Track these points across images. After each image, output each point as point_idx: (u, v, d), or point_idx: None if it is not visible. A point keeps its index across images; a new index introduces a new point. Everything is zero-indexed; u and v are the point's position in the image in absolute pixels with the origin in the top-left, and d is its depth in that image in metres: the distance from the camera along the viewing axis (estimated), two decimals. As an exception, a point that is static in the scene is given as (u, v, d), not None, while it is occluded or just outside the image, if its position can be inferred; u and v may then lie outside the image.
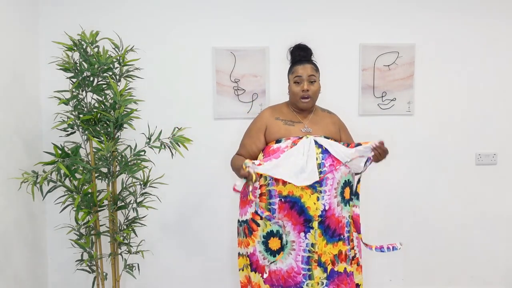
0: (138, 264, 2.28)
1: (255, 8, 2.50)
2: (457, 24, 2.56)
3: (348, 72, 2.55)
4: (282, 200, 1.79)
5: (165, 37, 2.48)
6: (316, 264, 1.82)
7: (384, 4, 2.54)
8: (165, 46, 2.48)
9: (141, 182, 2.16)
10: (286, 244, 1.82)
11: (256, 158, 1.91)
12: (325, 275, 1.83)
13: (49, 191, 1.92)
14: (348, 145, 1.87)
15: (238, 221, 1.95)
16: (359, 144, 1.84)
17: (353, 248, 1.92)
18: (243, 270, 1.96)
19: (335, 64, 2.54)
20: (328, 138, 1.89)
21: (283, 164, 1.79)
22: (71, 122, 1.95)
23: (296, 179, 1.77)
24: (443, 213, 2.64)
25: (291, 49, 2.01)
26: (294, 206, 1.79)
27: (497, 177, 2.64)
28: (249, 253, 1.90)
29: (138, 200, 2.17)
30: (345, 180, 1.86)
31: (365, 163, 1.85)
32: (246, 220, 1.90)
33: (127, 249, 2.20)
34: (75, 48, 1.96)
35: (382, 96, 2.55)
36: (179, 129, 2.06)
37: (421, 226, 2.64)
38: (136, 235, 2.23)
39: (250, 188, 1.80)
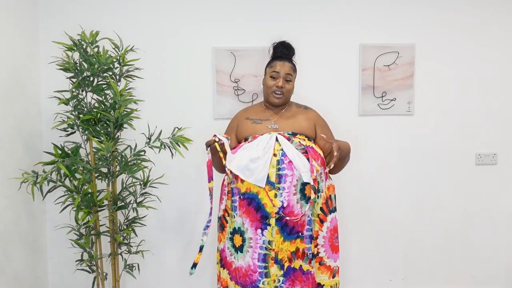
0: (138, 264, 2.28)
1: (255, 8, 2.50)
2: (457, 24, 2.56)
3: (348, 72, 2.55)
4: (241, 197, 1.84)
5: (165, 37, 2.48)
6: (273, 261, 1.81)
7: (384, 4, 2.54)
8: (165, 46, 2.48)
9: (141, 182, 2.17)
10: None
11: None
12: (281, 272, 1.82)
13: (49, 191, 1.92)
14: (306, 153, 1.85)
15: (217, 217, 2.03)
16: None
17: (316, 246, 1.88)
18: (217, 264, 2.03)
19: (335, 64, 2.54)
20: (295, 134, 1.91)
21: (237, 157, 1.85)
22: (71, 122, 1.95)
23: (242, 173, 1.81)
24: (443, 213, 2.64)
25: (275, 44, 2.07)
26: (252, 203, 1.81)
27: (497, 177, 2.63)
28: (220, 249, 1.98)
29: (138, 200, 2.17)
30: None
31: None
32: (220, 216, 1.99)
33: (127, 249, 2.20)
34: (75, 48, 1.96)
35: (382, 96, 2.55)
36: (179, 129, 2.06)
37: (421, 226, 2.63)
38: (136, 235, 2.24)
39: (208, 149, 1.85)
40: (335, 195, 1.99)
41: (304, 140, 1.91)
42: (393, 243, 2.64)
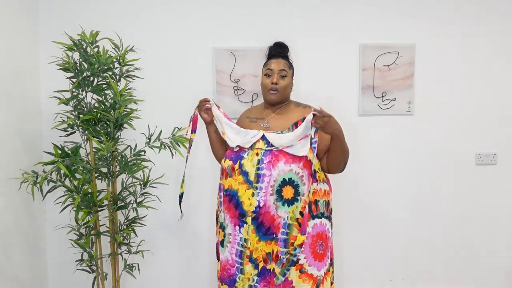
0: (138, 264, 2.28)
1: (255, 8, 2.50)
2: (457, 24, 2.56)
3: (348, 72, 2.55)
4: (224, 193, 1.89)
5: (165, 37, 2.48)
6: (248, 259, 1.82)
7: (384, 4, 2.54)
8: (165, 46, 2.48)
9: (141, 182, 2.17)
10: None
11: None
12: (256, 271, 1.82)
13: (49, 191, 1.93)
14: (296, 125, 1.82)
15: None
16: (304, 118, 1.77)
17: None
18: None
19: (335, 64, 2.54)
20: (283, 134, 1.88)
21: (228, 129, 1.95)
22: (71, 122, 1.95)
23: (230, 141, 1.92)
24: (443, 213, 2.63)
25: (270, 46, 2.05)
26: (232, 200, 1.85)
27: (497, 177, 2.63)
28: (216, 243, 2.03)
29: (138, 200, 2.17)
30: (284, 179, 1.78)
31: (311, 142, 1.75)
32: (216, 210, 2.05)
33: (127, 249, 2.20)
34: (75, 48, 1.96)
35: (382, 96, 2.55)
36: (179, 129, 2.06)
37: (421, 226, 2.63)
38: (136, 235, 2.24)
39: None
40: (326, 200, 1.89)
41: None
42: (393, 243, 2.64)
